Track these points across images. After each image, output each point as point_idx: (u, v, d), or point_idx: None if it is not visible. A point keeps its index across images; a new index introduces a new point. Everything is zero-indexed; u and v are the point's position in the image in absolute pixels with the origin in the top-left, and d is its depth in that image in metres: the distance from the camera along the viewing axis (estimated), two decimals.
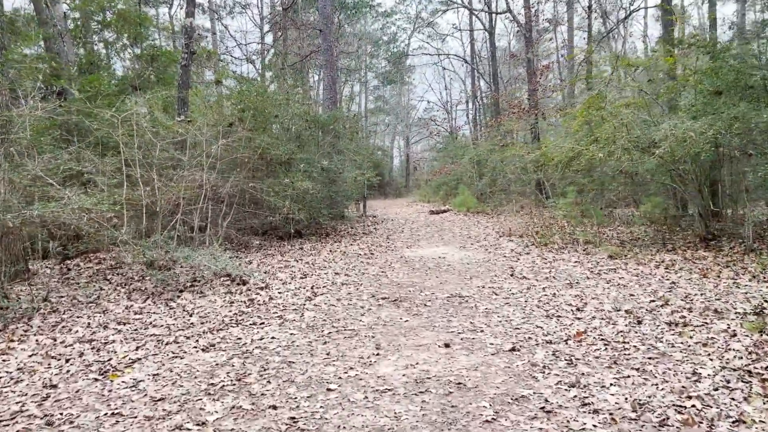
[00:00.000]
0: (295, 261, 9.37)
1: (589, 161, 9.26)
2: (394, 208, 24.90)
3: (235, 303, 6.42)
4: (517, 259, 8.97)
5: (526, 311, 5.71)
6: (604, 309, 5.57)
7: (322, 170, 12.82)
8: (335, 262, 9.18)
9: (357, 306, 6.17)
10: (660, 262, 7.93)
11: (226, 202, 10.75)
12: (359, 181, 14.00)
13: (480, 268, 8.33)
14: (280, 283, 7.39)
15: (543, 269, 7.92)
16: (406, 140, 44.83)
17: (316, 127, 13.72)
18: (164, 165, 9.10)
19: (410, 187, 40.65)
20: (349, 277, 7.79)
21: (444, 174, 26.10)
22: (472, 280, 7.39)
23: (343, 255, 10.05)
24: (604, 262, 8.13)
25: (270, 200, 10.64)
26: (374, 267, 8.66)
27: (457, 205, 19.86)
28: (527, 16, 19.46)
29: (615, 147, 8.89)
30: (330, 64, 16.51)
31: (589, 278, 7.08)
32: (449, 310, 5.86)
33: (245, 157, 10.76)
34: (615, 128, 9.12)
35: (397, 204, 28.47)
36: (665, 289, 6.33)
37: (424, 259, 9.37)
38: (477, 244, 11.12)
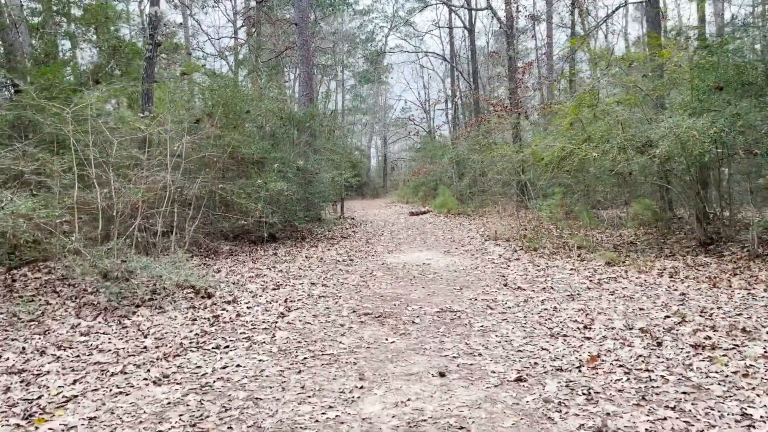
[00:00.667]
0: (267, 269, 8.60)
1: (582, 161, 8.67)
2: (372, 209, 24.20)
3: (198, 320, 5.64)
4: (508, 266, 8.34)
5: (527, 329, 5.04)
6: (614, 327, 4.93)
7: (297, 170, 12.06)
8: (311, 270, 8.44)
9: (336, 324, 5.44)
10: (662, 269, 7.35)
11: (194, 204, 9.94)
12: (337, 182, 13.26)
13: (469, 276, 7.66)
14: (250, 296, 6.62)
15: (537, 278, 7.29)
16: (383, 140, 44.14)
17: (291, 125, 12.95)
18: (122, 164, 8.26)
19: (388, 187, 39.98)
20: (326, 288, 7.05)
21: (423, 174, 25.46)
22: (462, 291, 6.71)
23: (320, 262, 9.31)
24: (603, 270, 7.52)
25: (241, 202, 9.85)
26: (354, 276, 7.94)
27: (438, 206, 19.23)
28: (508, 12, 18.91)
29: (610, 146, 8.30)
30: (306, 60, 15.74)
31: (590, 289, 6.46)
32: (440, 329, 5.17)
33: (214, 157, 9.95)
34: (609, 126, 8.54)
35: (375, 205, 27.78)
36: (676, 301, 5.73)
37: (407, 267, 8.68)
38: (462, 249, 10.47)
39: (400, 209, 23.43)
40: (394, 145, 47.64)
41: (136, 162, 8.35)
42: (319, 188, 12.54)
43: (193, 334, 5.17)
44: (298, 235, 12.94)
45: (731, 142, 7.57)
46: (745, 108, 7.63)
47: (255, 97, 11.35)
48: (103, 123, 8.09)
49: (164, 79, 13.10)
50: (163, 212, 8.55)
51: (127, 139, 8.53)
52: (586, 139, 9.19)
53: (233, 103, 10.31)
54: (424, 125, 33.97)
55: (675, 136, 7.53)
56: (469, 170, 20.29)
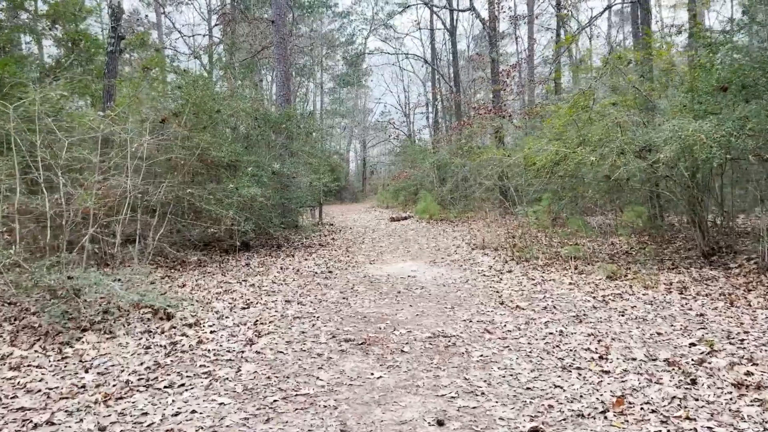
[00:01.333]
0: (238, 283, 7.79)
1: (578, 166, 8.03)
2: (351, 215, 23.44)
3: (153, 348, 4.84)
4: (500, 279, 7.65)
5: (533, 359, 4.35)
6: (635, 357, 4.26)
7: (272, 174, 11.28)
8: (286, 284, 7.66)
9: (313, 353, 4.68)
10: (669, 284, 6.74)
11: (159, 211, 9.09)
12: (315, 187, 12.48)
13: (460, 291, 6.95)
14: (215, 318, 5.82)
15: (535, 294, 6.61)
16: (362, 144, 43.41)
17: (266, 127, 12.15)
18: (74, 167, 7.41)
19: (367, 191, 39.23)
20: (303, 307, 6.27)
21: (403, 179, 24.77)
22: (454, 310, 6.00)
23: (296, 274, 8.53)
24: (604, 285, 6.87)
25: (210, 209, 9.04)
26: (334, 291, 7.18)
27: (419, 212, 18.55)
28: (491, 12, 18.34)
29: (608, 150, 7.67)
30: (283, 59, 14.94)
31: (596, 308, 5.79)
32: (434, 359, 4.44)
33: (181, 159, 9.12)
34: (607, 129, 7.93)
35: (355, 210, 27.03)
36: (695, 324, 5.09)
37: (391, 279, 7.95)
38: (449, 259, 9.77)
39: (380, 214, 22.72)
40: (374, 149, 46.94)
41: (90, 164, 7.49)
42: (296, 193, 11.76)
43: (144, 367, 4.37)
44: (273, 243, 12.13)
45: (741, 147, 6.99)
46: (755, 111, 7.07)
47: (227, 97, 10.53)
48: (54, 122, 7.21)
49: (130, 77, 12.16)
50: (122, 220, 7.70)
51: (83, 139, 7.68)
52: (580, 142, 8.58)
53: (203, 102, 9.49)
54: (404, 129, 33.32)
55: (680, 139, 6.93)
56: (452, 175, 19.67)
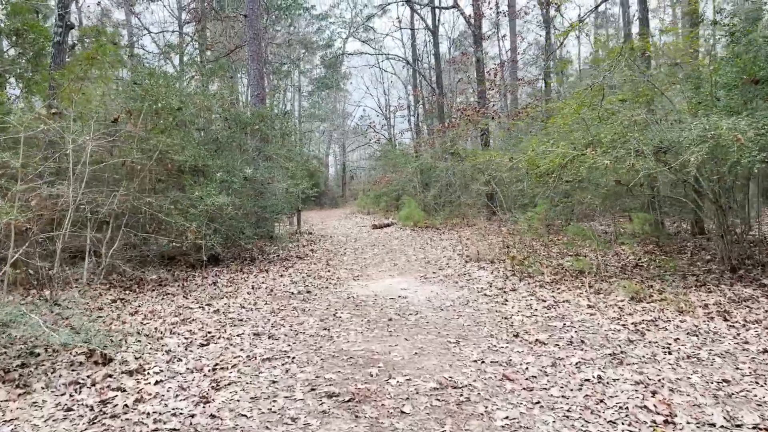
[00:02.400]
0: (200, 307, 6.60)
1: (591, 170, 7.00)
2: (331, 221, 22.28)
3: (75, 410, 3.66)
4: (505, 300, 6.58)
5: (576, 424, 3.26)
6: (713, 422, 3.19)
7: (245, 180, 10.09)
8: (257, 310, 6.48)
9: (286, 416, 3.53)
10: (704, 306, 5.72)
11: (113, 224, 7.87)
12: (292, 193, 11.30)
13: (462, 318, 5.85)
14: (164, 360, 4.62)
15: (552, 321, 5.53)
16: (342, 148, 42.23)
17: (237, 128, 10.95)
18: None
19: (347, 197, 38.05)
20: (274, 343, 5.10)
21: (384, 183, 23.68)
22: (460, 345, 4.89)
23: (269, 295, 7.35)
24: (629, 308, 5.83)
25: (170, 221, 7.84)
26: (313, 318, 6.01)
27: (403, 218, 17.44)
28: (476, 9, 17.36)
29: (624, 151, 6.65)
30: (257, 56, 13.75)
31: (632, 342, 4.73)
32: (446, 425, 3.33)
33: (138, 164, 7.90)
34: (623, 128, 6.91)
35: (335, 216, 25.85)
36: (764, 365, 4.06)
37: (380, 301, 6.82)
38: (442, 274, 8.68)
39: (361, 221, 21.60)
40: (354, 153, 45.79)
41: (10, 169, 6.24)
42: (271, 201, 10.56)
43: None
44: (246, 255, 10.93)
45: None
46: None
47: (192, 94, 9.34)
48: None
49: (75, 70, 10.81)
50: (62, 236, 6.47)
51: (15, 139, 6.44)
52: (589, 143, 7.56)
53: (163, 99, 8.28)
54: (384, 132, 32.24)
55: (712, 139, 5.94)
56: (436, 179, 18.62)
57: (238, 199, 10.02)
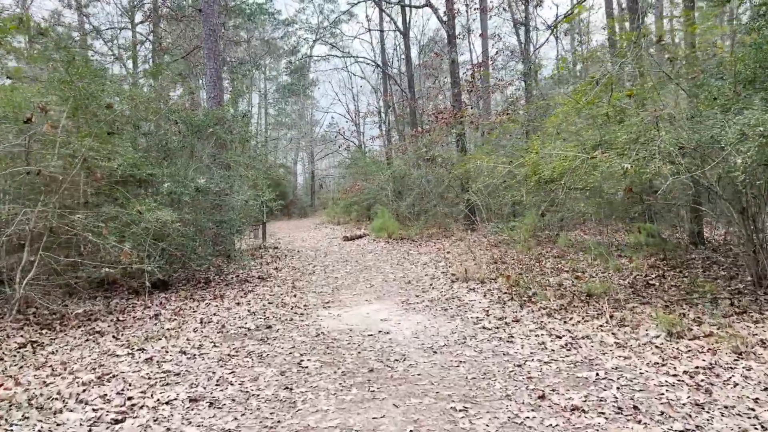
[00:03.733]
0: (130, 354, 5.14)
1: (608, 175, 5.80)
2: (300, 233, 20.82)
3: None
4: (510, 336, 5.30)
5: None
6: None
7: (197, 192, 8.64)
8: (201, 356, 5.05)
9: None
10: (760, 342, 4.53)
11: (28, 246, 6.37)
12: (252, 206, 9.84)
13: (464, 366, 4.53)
14: None
15: (580, 369, 4.26)
16: (310, 156, 40.70)
17: (189, 132, 9.49)
18: None
19: (316, 206, 36.50)
20: (216, 415, 3.68)
21: (355, 192, 22.31)
22: (468, 414, 3.56)
23: (220, 333, 5.93)
24: (672, 348, 4.59)
25: (97, 242, 6.37)
26: (271, 370, 4.61)
27: (376, 229, 16.11)
28: (449, 8, 16.20)
29: (647, 153, 5.46)
30: (213, 54, 12.30)
31: (701, 406, 3.47)
32: None
33: (58, 174, 6.41)
34: (645, 126, 5.73)
35: (303, 226, 24.37)
36: None
37: (356, 339, 5.47)
38: (426, 297, 7.38)
39: (331, 232, 20.20)
40: (323, 162, 44.26)
41: None
42: (228, 215, 9.10)
43: None
44: (201, 277, 9.45)
45: None
46: None
47: (131, 92, 7.89)
48: None
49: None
50: None
51: None
52: (597, 144, 6.38)
53: (94, 95, 6.81)
54: (354, 139, 30.88)
55: (760, 138, 4.80)
56: (410, 187, 17.35)
57: (189, 213, 8.58)
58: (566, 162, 5.99)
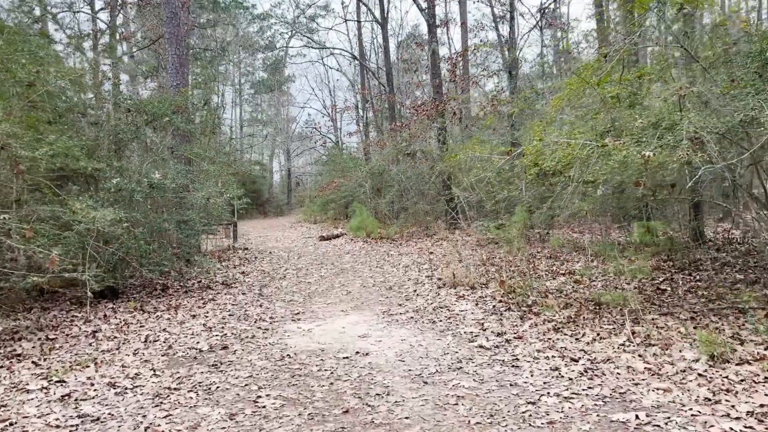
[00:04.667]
0: (43, 389, 4.07)
1: (623, 165, 4.89)
2: (274, 232, 19.72)
3: None
4: (515, 358, 4.36)
5: None
6: None
7: (151, 188, 7.55)
8: (134, 392, 4.00)
9: None
10: None
11: None
12: (216, 204, 8.75)
13: (463, 403, 3.55)
14: None
15: (611, 409, 3.32)
16: (286, 153, 39.43)
17: (144, 121, 8.38)
18: None
19: (293, 204, 35.27)
20: None
21: (332, 190, 21.24)
22: None
23: (165, 356, 4.88)
24: (718, 377, 3.68)
25: (20, 246, 5.29)
26: (218, 411, 3.59)
27: (354, 229, 15.12)
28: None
29: (673, 139, 4.57)
30: (175, 39, 11.17)
31: None
32: None
33: None
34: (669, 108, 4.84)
35: (279, 225, 23.27)
36: None
37: (328, 363, 4.47)
38: (411, 307, 6.42)
39: (307, 231, 19.16)
40: (299, 159, 42.98)
41: None
42: (188, 215, 8.00)
43: None
44: (158, 284, 8.36)
45: None
46: None
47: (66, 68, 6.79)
48: None
49: None
50: None
51: None
52: (606, 131, 5.49)
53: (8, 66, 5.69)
54: (331, 136, 29.78)
55: None
56: (390, 184, 16.36)
57: (141, 213, 7.50)
58: (575, 150, 5.07)
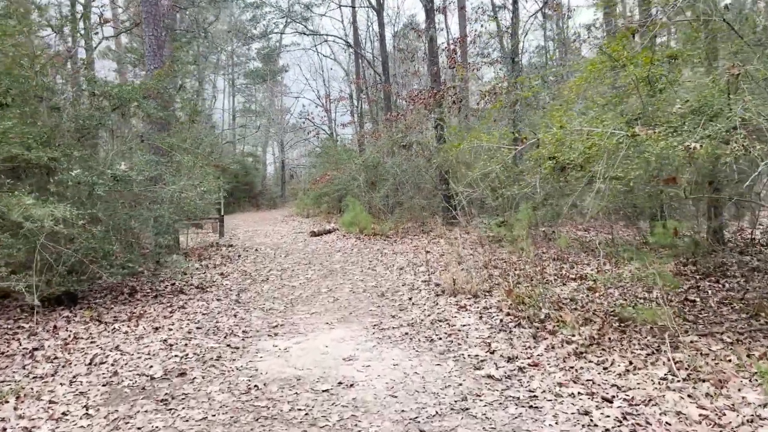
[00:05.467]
0: None
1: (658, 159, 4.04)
2: (265, 226, 18.82)
3: None
4: (532, 394, 3.51)
5: None
6: None
7: (115, 181, 6.66)
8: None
9: None
10: None
11: None
12: (188, 200, 7.82)
13: None
14: None
15: None
16: (280, 145, 38.39)
17: (110, 107, 7.47)
18: None
19: (286, 196, 34.29)
20: None
21: (325, 182, 20.33)
22: None
23: (106, 388, 4.00)
24: None
25: None
26: None
27: (346, 224, 14.24)
28: None
29: (723, 127, 3.71)
30: (153, 18, 10.23)
31: None
32: None
33: None
34: (717, 90, 3.98)
35: (271, 218, 22.36)
36: None
37: (302, 401, 3.61)
38: (405, 320, 5.57)
39: (299, 225, 18.28)
40: (294, 151, 41.91)
41: None
42: (155, 211, 7.09)
43: None
44: (125, 287, 7.47)
45: None
46: None
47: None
48: None
49: None
50: None
51: None
52: (635, 117, 4.63)
53: None
54: (325, 127, 28.78)
55: None
56: (384, 177, 15.47)
57: (103, 209, 6.61)
58: (602, 140, 4.20)
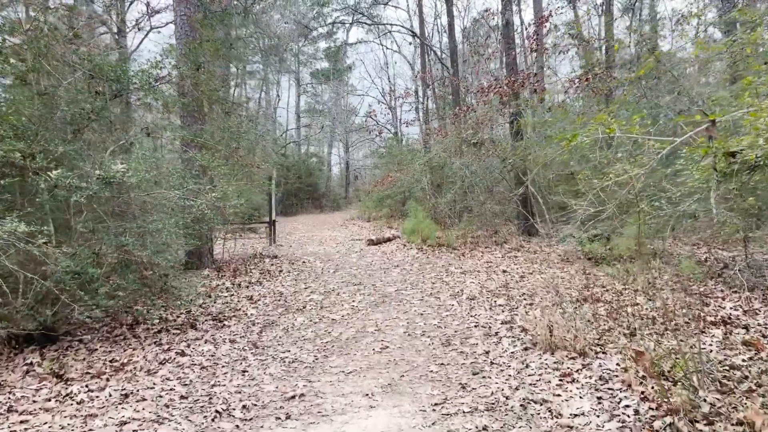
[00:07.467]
0: None
1: None
2: (323, 231, 17.21)
3: None
4: None
5: None
6: None
7: (104, 185, 5.03)
8: None
9: None
10: None
11: None
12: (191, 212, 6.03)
13: None
14: None
15: None
16: (345, 146, 36.94)
17: (109, 92, 5.87)
18: None
19: (350, 198, 32.82)
20: None
21: (388, 184, 18.53)
22: None
23: None
24: None
25: None
26: None
27: (408, 232, 12.32)
28: None
29: None
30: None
31: None
32: None
33: None
34: None
35: (331, 222, 20.79)
36: None
37: None
38: (481, 396, 3.57)
39: (358, 230, 16.55)
40: (359, 152, 40.40)
41: None
42: (152, 224, 5.37)
43: None
44: (127, 317, 5.86)
45: None
46: None
47: None
48: None
49: None
50: None
51: None
52: None
53: None
54: (389, 126, 26.95)
55: None
56: (451, 179, 13.41)
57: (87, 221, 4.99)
58: None
